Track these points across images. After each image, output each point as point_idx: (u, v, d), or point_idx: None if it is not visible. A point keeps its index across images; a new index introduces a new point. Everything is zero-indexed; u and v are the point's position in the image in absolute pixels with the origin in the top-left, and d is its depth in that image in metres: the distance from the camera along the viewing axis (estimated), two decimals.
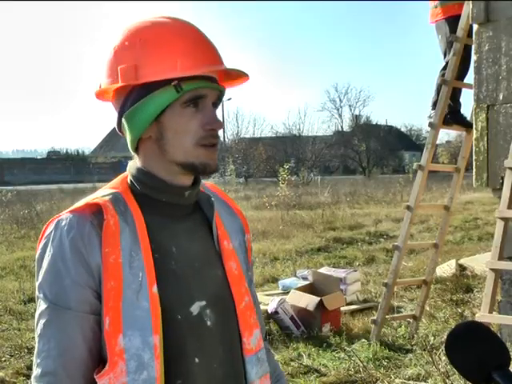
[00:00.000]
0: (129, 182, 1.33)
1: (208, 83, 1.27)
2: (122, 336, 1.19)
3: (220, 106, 1.37)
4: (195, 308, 1.28)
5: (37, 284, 1.24)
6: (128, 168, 1.36)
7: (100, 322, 1.21)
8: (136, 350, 1.19)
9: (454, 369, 1.08)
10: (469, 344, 1.07)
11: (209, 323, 1.30)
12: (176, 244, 1.30)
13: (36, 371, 1.21)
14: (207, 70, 1.27)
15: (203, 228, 1.38)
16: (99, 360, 1.23)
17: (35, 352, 1.23)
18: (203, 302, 1.30)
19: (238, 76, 1.36)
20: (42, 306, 1.22)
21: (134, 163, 1.34)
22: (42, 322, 1.21)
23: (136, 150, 1.32)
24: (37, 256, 1.26)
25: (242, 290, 1.38)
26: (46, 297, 1.21)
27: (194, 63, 1.25)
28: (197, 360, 1.26)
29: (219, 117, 1.33)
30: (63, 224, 1.24)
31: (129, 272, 1.21)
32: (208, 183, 1.51)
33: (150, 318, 1.20)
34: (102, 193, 1.30)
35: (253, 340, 1.38)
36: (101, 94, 1.35)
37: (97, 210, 1.24)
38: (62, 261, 1.21)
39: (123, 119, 1.29)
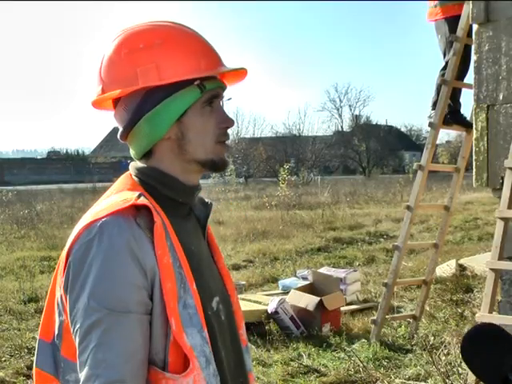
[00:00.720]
0: (138, 182, 1.31)
1: (221, 83, 1.32)
2: (185, 335, 1.20)
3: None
4: (215, 303, 1.33)
5: (84, 293, 1.16)
6: (133, 169, 1.34)
7: (152, 319, 1.20)
8: (200, 346, 1.21)
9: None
10: (485, 347, 1.06)
11: (223, 317, 1.35)
12: (192, 243, 1.33)
13: (97, 381, 1.13)
14: (224, 70, 1.31)
15: (198, 227, 1.41)
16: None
17: (89, 364, 1.14)
18: (217, 298, 1.35)
19: (234, 77, 1.41)
20: (94, 315, 1.14)
21: (141, 165, 1.32)
22: (99, 331, 1.14)
23: (147, 153, 1.31)
24: (74, 263, 1.19)
25: (232, 285, 1.45)
26: (101, 304, 1.14)
27: (214, 63, 1.29)
28: (223, 354, 1.31)
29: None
30: (111, 226, 1.18)
31: (177, 272, 1.22)
32: None
33: (198, 314, 1.23)
34: (129, 195, 1.24)
35: (244, 331, 1.46)
36: (99, 103, 1.33)
37: (139, 212, 1.21)
38: (116, 263, 1.16)
39: (142, 122, 1.27)
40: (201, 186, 1.39)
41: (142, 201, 1.21)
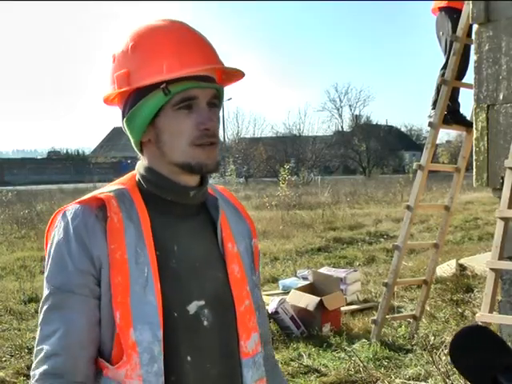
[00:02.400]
0: (137, 180, 1.36)
1: (196, 83, 1.27)
2: (132, 330, 1.22)
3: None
4: (192, 307, 1.30)
5: (45, 273, 1.29)
6: (137, 167, 1.38)
7: (100, 307, 1.24)
8: (148, 343, 1.22)
9: (454, 368, 1.07)
10: (473, 348, 1.05)
11: (205, 323, 1.31)
12: (178, 243, 1.32)
13: (39, 356, 1.23)
14: (194, 71, 1.26)
15: (208, 229, 1.39)
16: (98, 347, 1.27)
17: (37, 338, 1.25)
18: (201, 302, 1.31)
19: (235, 74, 1.37)
20: (45, 292, 1.26)
21: (142, 162, 1.36)
22: (45, 307, 1.26)
23: (141, 151, 1.35)
24: (47, 247, 1.31)
25: (242, 293, 1.38)
26: (50, 283, 1.26)
27: (181, 65, 1.25)
28: (189, 358, 1.28)
29: (220, 116, 1.34)
30: (69, 213, 1.27)
31: (135, 268, 1.24)
32: (220, 187, 1.53)
33: (157, 312, 1.23)
34: (109, 188, 1.32)
35: (250, 343, 1.38)
36: (108, 100, 1.37)
37: (102, 205, 1.27)
38: (65, 248, 1.25)
39: (124, 123, 1.32)
40: (204, 187, 1.37)
41: (103, 195, 1.28)
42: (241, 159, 39.04)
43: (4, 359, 5.35)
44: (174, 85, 1.25)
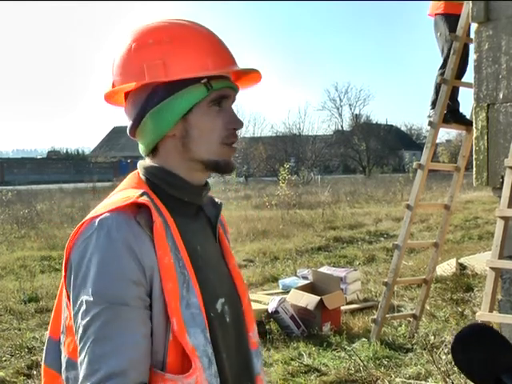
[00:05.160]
0: (145, 181, 1.31)
1: (232, 84, 1.30)
2: (187, 335, 1.19)
3: None
4: (219, 305, 1.31)
5: (84, 289, 1.16)
6: (141, 168, 1.34)
7: (151, 318, 1.19)
8: (203, 346, 1.21)
9: (454, 368, 1.07)
10: (476, 347, 1.04)
11: (228, 319, 1.32)
12: (198, 242, 1.32)
13: (95, 377, 1.11)
14: (234, 69, 1.29)
15: (208, 227, 1.40)
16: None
17: (87, 360, 1.13)
18: (223, 299, 1.32)
19: (249, 79, 1.38)
20: (93, 310, 1.14)
21: (149, 163, 1.32)
22: (97, 325, 1.14)
23: (153, 149, 1.31)
24: (74, 259, 1.19)
25: (243, 286, 1.42)
26: (100, 299, 1.14)
27: (223, 62, 1.27)
28: (224, 356, 1.29)
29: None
30: (110, 222, 1.18)
31: (179, 272, 1.22)
32: None
33: (202, 314, 1.22)
34: (133, 193, 1.24)
35: (255, 333, 1.42)
36: (110, 96, 1.34)
37: (139, 210, 1.21)
38: (114, 259, 1.16)
39: (147, 117, 1.27)
40: (209, 186, 1.38)
41: (143, 199, 1.20)
42: (241, 158, 39.06)
43: (4, 359, 5.35)
44: (214, 82, 1.26)
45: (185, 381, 1.17)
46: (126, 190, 1.27)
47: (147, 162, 1.33)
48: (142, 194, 1.22)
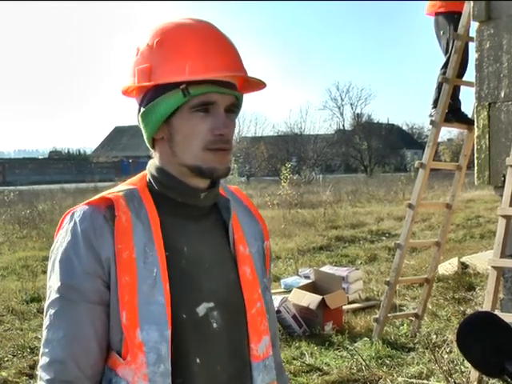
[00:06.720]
0: (147, 180, 1.35)
1: (217, 88, 1.24)
2: (139, 330, 1.21)
3: None
4: (202, 309, 1.28)
5: (48, 275, 1.27)
6: (148, 166, 1.37)
7: (109, 313, 1.24)
8: (154, 343, 1.21)
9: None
10: (482, 335, 1.04)
11: (215, 325, 1.29)
12: (187, 244, 1.31)
13: (43, 360, 1.23)
14: (217, 76, 1.24)
15: (219, 231, 1.37)
16: (108, 351, 1.26)
17: (42, 342, 1.25)
18: (211, 304, 1.30)
19: (256, 83, 1.34)
20: (52, 296, 1.24)
21: (154, 162, 1.35)
22: (52, 312, 1.23)
23: (153, 147, 1.34)
24: (52, 247, 1.28)
25: (254, 296, 1.37)
26: (57, 287, 1.23)
27: (205, 68, 1.23)
28: (198, 360, 1.26)
29: (236, 122, 1.33)
30: (77, 215, 1.26)
31: (143, 267, 1.23)
32: (233, 187, 1.53)
33: (166, 312, 1.22)
34: (119, 188, 1.32)
35: (261, 346, 1.37)
36: (127, 91, 1.36)
37: (111, 205, 1.26)
38: (73, 251, 1.23)
39: (139, 117, 1.31)
40: (215, 189, 1.36)
41: (113, 195, 1.27)
42: (242, 158, 39.02)
43: (6, 359, 5.35)
44: (195, 87, 1.23)
45: (118, 370, 1.23)
46: (120, 185, 1.34)
47: (153, 160, 1.36)
48: (123, 191, 1.29)
